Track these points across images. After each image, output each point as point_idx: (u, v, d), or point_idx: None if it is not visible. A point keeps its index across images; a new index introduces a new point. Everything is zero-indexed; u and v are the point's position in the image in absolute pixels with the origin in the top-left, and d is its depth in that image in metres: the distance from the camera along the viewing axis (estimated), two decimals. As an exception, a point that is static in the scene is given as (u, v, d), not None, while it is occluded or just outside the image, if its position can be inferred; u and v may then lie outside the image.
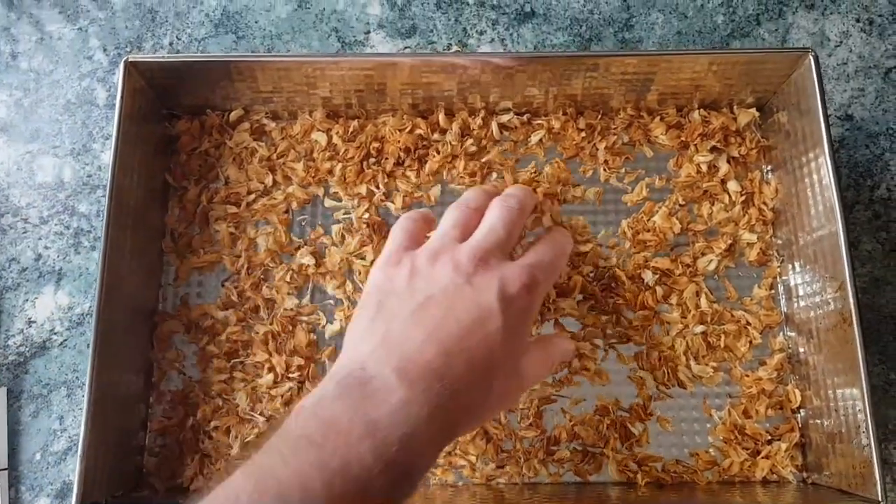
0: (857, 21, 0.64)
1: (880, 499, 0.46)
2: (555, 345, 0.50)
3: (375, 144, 0.59)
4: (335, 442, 0.35)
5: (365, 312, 0.44)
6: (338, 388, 0.38)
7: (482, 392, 0.41)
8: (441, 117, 0.58)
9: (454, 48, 0.64)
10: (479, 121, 0.59)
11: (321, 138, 0.59)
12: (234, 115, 0.60)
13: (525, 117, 0.59)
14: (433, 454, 0.40)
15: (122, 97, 0.53)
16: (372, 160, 0.59)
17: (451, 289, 0.43)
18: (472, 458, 0.53)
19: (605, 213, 0.58)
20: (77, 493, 0.47)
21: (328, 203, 0.59)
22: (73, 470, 0.55)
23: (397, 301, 0.43)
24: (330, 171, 0.59)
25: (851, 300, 0.49)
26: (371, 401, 0.37)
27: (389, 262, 0.46)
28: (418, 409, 0.37)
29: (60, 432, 0.56)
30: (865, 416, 0.48)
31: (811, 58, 0.53)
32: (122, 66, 0.53)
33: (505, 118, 0.59)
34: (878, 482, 0.47)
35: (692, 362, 0.55)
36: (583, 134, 0.59)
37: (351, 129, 0.59)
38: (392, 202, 0.58)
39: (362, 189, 0.58)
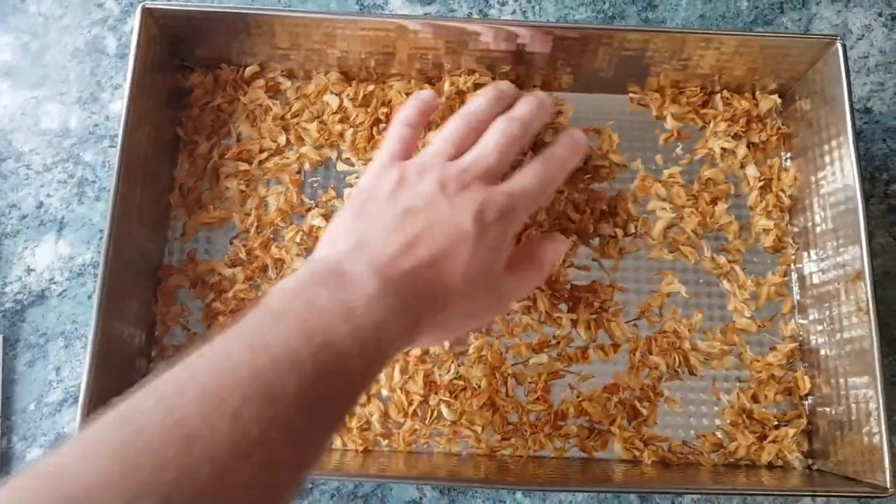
0: (880, 15, 0.64)
1: (888, 485, 0.46)
2: (541, 248, 0.51)
3: (384, 109, 0.58)
4: (318, 319, 0.36)
5: (346, 213, 0.45)
6: (315, 276, 0.39)
7: (445, 304, 0.43)
8: (446, 86, 0.57)
9: (475, 17, 0.63)
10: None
11: (333, 101, 0.58)
12: (249, 71, 0.59)
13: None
14: (398, 347, 0.41)
15: (136, 44, 0.52)
16: (382, 126, 0.58)
17: (432, 205, 0.44)
18: (478, 429, 0.53)
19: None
20: (76, 444, 0.45)
21: (340, 167, 0.58)
22: (67, 421, 0.54)
23: (378, 207, 0.44)
24: (341, 135, 0.58)
25: (869, 288, 0.49)
26: (347, 289, 0.38)
27: (377, 171, 0.47)
28: (389, 301, 0.39)
29: (56, 383, 0.55)
30: (878, 403, 0.48)
31: (839, 46, 0.53)
32: (138, 11, 0.52)
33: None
34: (888, 469, 0.47)
35: (698, 341, 0.55)
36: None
37: (363, 94, 0.58)
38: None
39: (373, 154, 0.57)
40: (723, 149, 0.58)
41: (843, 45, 0.53)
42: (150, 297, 0.55)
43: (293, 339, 0.35)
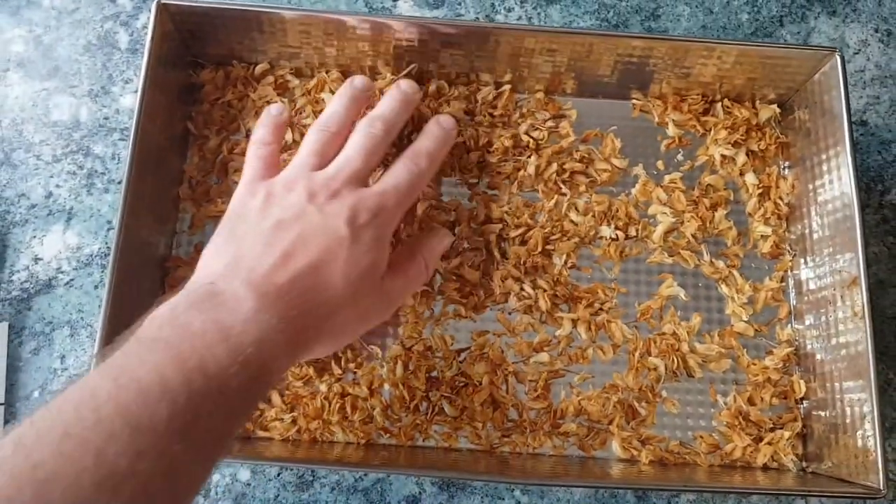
0: (876, 31, 0.66)
1: (882, 487, 0.47)
2: (423, 245, 0.53)
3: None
4: (191, 343, 0.36)
5: (218, 237, 0.45)
6: (189, 300, 0.39)
7: (329, 311, 0.43)
8: (432, 87, 0.59)
9: (481, 22, 0.64)
10: (490, 94, 0.59)
11: (329, 98, 0.59)
12: (259, 69, 0.59)
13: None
14: (287, 361, 0.41)
15: (151, 38, 0.53)
16: None
17: (303, 215, 0.44)
18: (478, 426, 0.53)
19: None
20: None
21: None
22: (72, 410, 0.55)
23: (248, 225, 0.45)
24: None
25: (864, 294, 0.50)
26: (223, 309, 0.39)
27: (244, 192, 0.48)
28: (268, 317, 0.39)
29: (61, 371, 0.56)
30: (871, 406, 0.49)
31: (837, 57, 0.54)
32: (153, 6, 0.53)
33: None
34: (881, 471, 0.47)
35: (696, 344, 0.56)
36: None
37: None
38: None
39: None
40: (723, 156, 0.59)
41: (842, 57, 0.54)
42: (158, 287, 0.55)
43: (164, 366, 0.35)
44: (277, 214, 0.44)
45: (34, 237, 0.58)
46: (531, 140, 0.58)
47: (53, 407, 0.33)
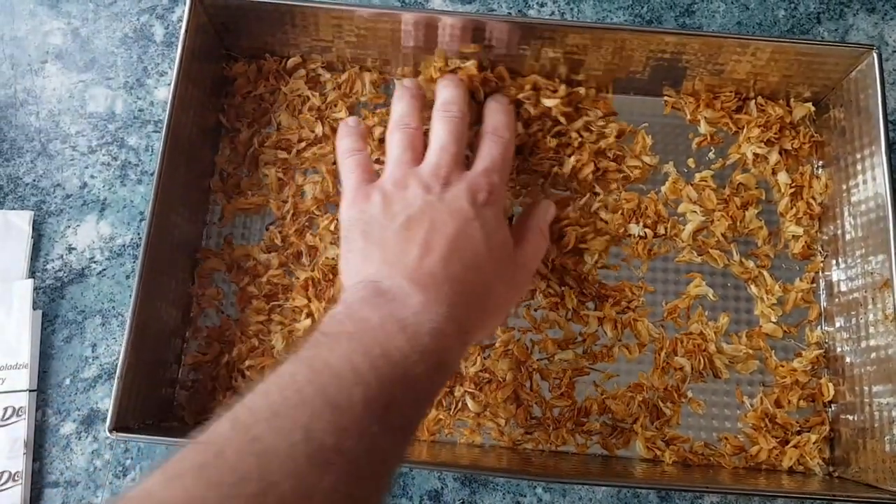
0: (917, 29, 0.64)
1: (909, 493, 0.47)
2: (534, 216, 0.53)
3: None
4: (373, 335, 0.38)
5: (353, 245, 0.46)
6: (360, 298, 0.41)
7: (485, 289, 0.45)
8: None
9: (514, 16, 0.64)
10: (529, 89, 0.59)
11: (364, 91, 0.60)
12: (291, 62, 0.60)
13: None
14: (458, 349, 0.43)
15: (185, 31, 0.53)
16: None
17: (427, 206, 0.45)
18: (501, 422, 0.53)
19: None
20: (111, 416, 0.47)
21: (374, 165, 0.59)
22: (101, 397, 0.56)
23: (380, 227, 0.46)
24: (370, 131, 0.59)
25: (897, 297, 0.49)
26: (394, 304, 0.40)
27: (357, 199, 0.48)
28: (437, 307, 0.41)
29: (92, 359, 0.57)
30: (902, 411, 0.48)
31: (874, 55, 0.53)
32: (188, 0, 0.53)
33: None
34: (909, 477, 0.47)
35: (724, 344, 0.55)
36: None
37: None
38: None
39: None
40: (755, 154, 0.58)
41: (879, 55, 0.53)
42: (188, 278, 0.56)
43: (352, 354, 0.37)
44: (404, 212, 0.45)
45: (68, 227, 0.59)
46: (579, 138, 0.58)
47: (260, 391, 0.35)
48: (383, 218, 0.46)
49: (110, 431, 0.47)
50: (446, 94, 0.52)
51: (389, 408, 0.36)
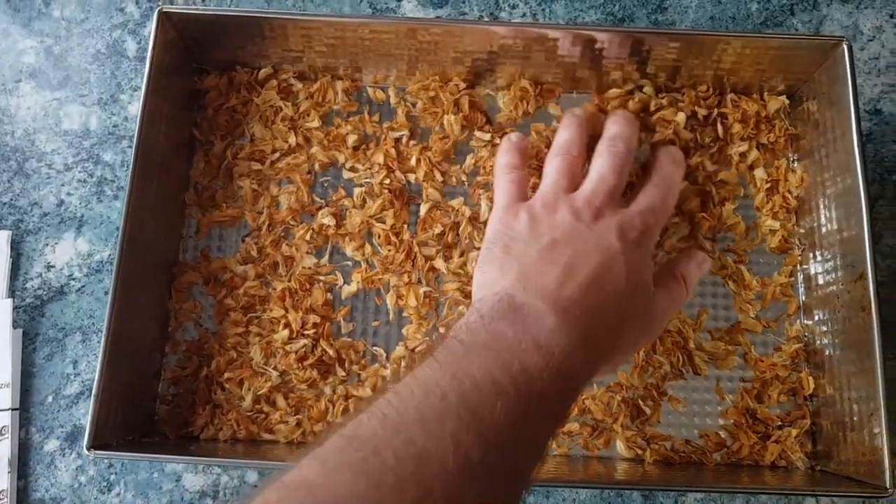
0: (891, 17, 0.64)
1: (888, 485, 0.46)
2: (683, 265, 0.51)
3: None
4: (510, 350, 0.38)
5: (492, 256, 0.46)
6: (494, 311, 0.41)
7: (618, 326, 0.44)
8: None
9: (485, 20, 0.64)
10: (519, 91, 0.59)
11: (336, 100, 0.60)
12: (263, 73, 0.60)
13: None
14: (586, 376, 0.42)
15: (153, 47, 0.53)
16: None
17: (574, 233, 0.45)
18: (482, 426, 0.53)
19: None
20: (89, 434, 0.47)
21: (346, 174, 0.59)
22: (84, 414, 0.56)
23: (523, 244, 0.45)
24: (344, 140, 0.59)
25: (871, 288, 0.49)
26: (529, 322, 0.40)
27: (505, 216, 0.48)
28: (569, 331, 0.40)
29: (74, 376, 0.57)
30: (879, 403, 0.48)
31: (844, 47, 0.53)
32: (155, 15, 0.53)
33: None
34: (887, 469, 0.47)
35: (703, 341, 0.55)
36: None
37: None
38: (413, 173, 0.58)
39: (379, 158, 0.58)
40: (740, 154, 0.58)
41: (850, 47, 0.53)
42: (165, 292, 0.56)
43: (492, 367, 0.37)
44: (549, 234, 0.45)
45: (47, 245, 0.59)
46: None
47: (403, 392, 0.35)
48: (528, 236, 0.45)
49: (88, 449, 0.47)
50: (615, 129, 0.51)
51: (525, 423, 0.36)
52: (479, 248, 0.56)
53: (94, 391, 0.47)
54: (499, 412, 0.35)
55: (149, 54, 0.53)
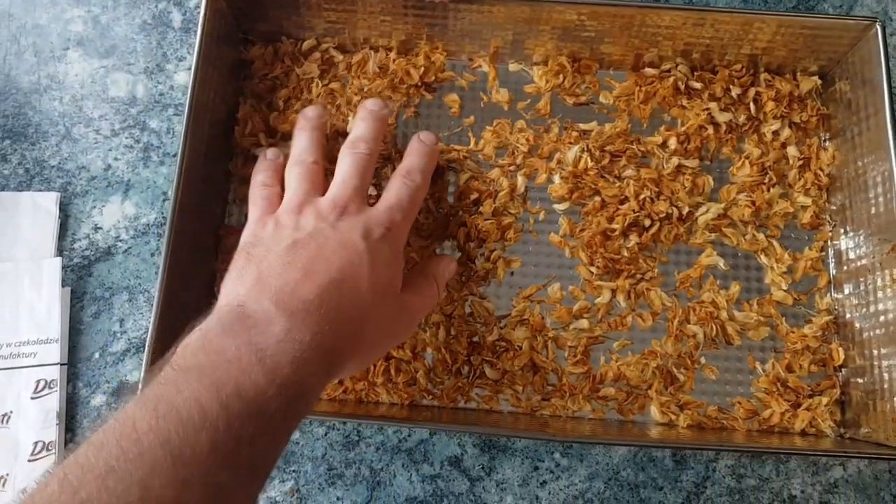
0: (921, 4, 0.66)
1: (917, 450, 0.48)
2: (433, 267, 0.53)
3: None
4: (227, 369, 0.36)
5: (234, 265, 0.45)
6: (220, 324, 0.39)
7: (360, 324, 0.43)
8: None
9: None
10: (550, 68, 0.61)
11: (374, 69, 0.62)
12: (306, 45, 0.61)
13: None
14: (321, 380, 0.41)
15: (204, 15, 0.55)
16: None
17: (316, 234, 0.45)
18: (519, 389, 0.55)
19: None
20: (142, 387, 0.48)
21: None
22: (130, 370, 0.57)
23: (264, 248, 0.45)
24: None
25: (904, 260, 0.50)
26: (255, 331, 0.38)
27: (256, 225, 0.48)
28: (301, 335, 0.39)
29: (120, 334, 0.58)
30: (910, 371, 0.49)
31: (878, 27, 0.55)
32: (206, -17, 0.55)
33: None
34: (918, 434, 0.48)
35: (735, 312, 0.56)
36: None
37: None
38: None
39: None
40: (773, 132, 0.59)
41: (883, 27, 0.54)
42: (211, 254, 0.58)
43: (202, 394, 0.35)
44: (292, 235, 0.45)
45: (94, 207, 0.61)
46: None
47: (96, 441, 0.33)
48: (270, 239, 0.45)
49: (141, 399, 0.48)
50: (357, 131, 0.52)
51: (239, 448, 0.35)
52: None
53: (147, 345, 0.49)
54: (204, 445, 0.33)
55: (199, 22, 0.55)
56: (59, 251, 0.59)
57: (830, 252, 0.58)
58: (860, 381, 0.54)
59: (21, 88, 0.63)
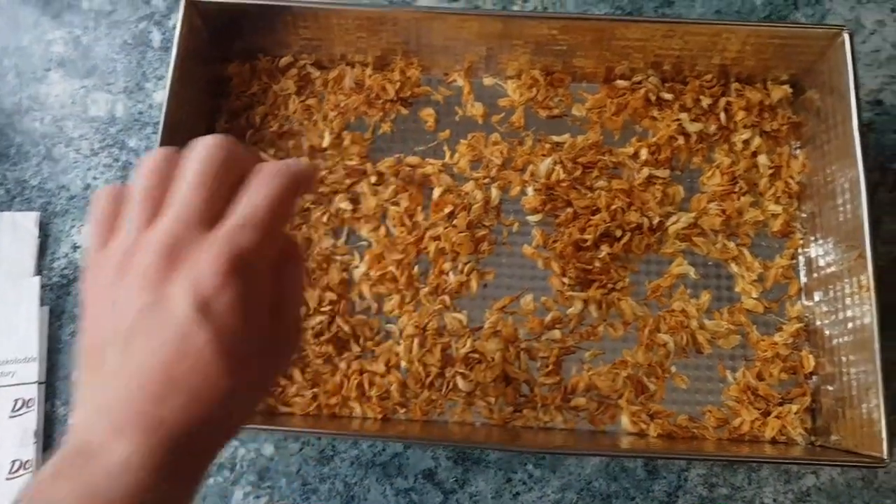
0: (893, 11, 0.66)
1: (885, 456, 0.48)
2: (288, 275, 0.38)
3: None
4: None
5: (85, 368, 0.35)
6: (55, 465, 0.33)
7: (225, 405, 0.35)
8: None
9: (499, 11, 0.66)
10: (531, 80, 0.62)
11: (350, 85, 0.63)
12: (283, 62, 0.62)
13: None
14: (186, 494, 0.35)
15: (179, 34, 0.56)
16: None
17: (143, 317, 0.33)
18: (491, 400, 0.55)
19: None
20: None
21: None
22: (108, 387, 0.58)
23: (112, 351, 0.34)
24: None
25: (870, 266, 0.51)
26: (92, 467, 0.32)
27: (91, 273, 0.36)
28: (141, 460, 0.32)
29: (98, 351, 0.59)
30: (876, 378, 0.49)
31: (846, 36, 0.55)
32: (182, 3, 0.56)
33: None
34: (885, 440, 0.48)
35: (706, 321, 0.57)
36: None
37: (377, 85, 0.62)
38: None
39: None
40: (744, 141, 0.60)
41: (850, 36, 0.55)
42: (186, 271, 0.58)
43: None
44: (125, 325, 0.33)
45: (73, 226, 0.61)
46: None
47: None
48: (114, 336, 0.34)
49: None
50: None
51: None
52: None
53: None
54: None
55: (175, 41, 0.55)
56: (39, 270, 0.60)
57: (801, 260, 0.58)
58: (830, 388, 0.54)
59: (3, 110, 0.64)
